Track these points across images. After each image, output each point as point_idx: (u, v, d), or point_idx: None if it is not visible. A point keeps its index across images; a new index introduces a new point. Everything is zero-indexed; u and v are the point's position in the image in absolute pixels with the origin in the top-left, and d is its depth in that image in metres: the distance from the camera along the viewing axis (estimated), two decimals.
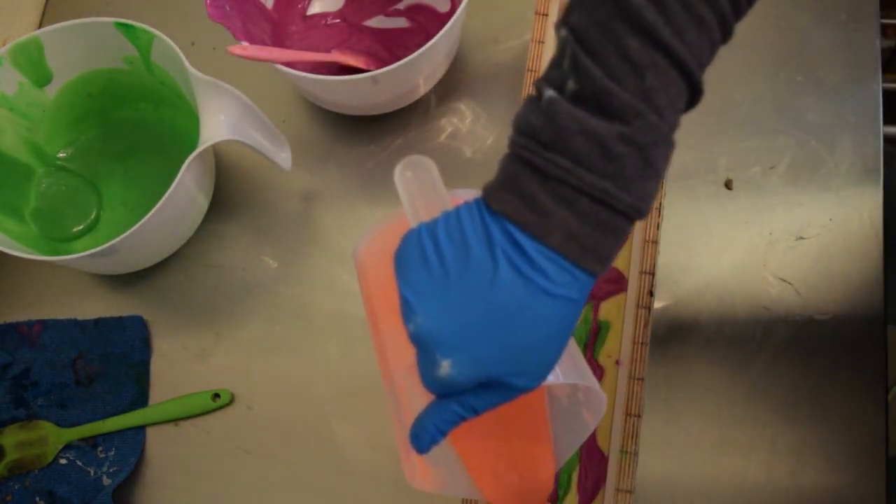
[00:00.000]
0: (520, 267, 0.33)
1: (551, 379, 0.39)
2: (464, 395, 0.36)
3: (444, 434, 0.37)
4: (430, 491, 0.47)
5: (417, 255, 0.35)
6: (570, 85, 0.33)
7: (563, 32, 0.34)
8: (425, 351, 0.35)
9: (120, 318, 0.66)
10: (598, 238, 0.34)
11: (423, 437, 0.37)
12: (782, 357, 0.60)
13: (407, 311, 0.35)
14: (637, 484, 0.56)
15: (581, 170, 0.33)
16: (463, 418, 0.37)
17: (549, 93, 0.33)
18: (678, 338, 0.62)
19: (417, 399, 0.39)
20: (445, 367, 0.34)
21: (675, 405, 0.60)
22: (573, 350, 0.44)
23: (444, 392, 0.36)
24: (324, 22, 0.72)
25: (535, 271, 0.33)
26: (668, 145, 0.34)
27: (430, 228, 0.36)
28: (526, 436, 0.50)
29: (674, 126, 0.34)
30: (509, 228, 0.34)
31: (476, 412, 0.36)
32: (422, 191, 0.39)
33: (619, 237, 0.35)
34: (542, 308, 0.34)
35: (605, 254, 0.34)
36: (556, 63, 0.34)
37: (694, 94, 0.35)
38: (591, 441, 0.57)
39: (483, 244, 0.34)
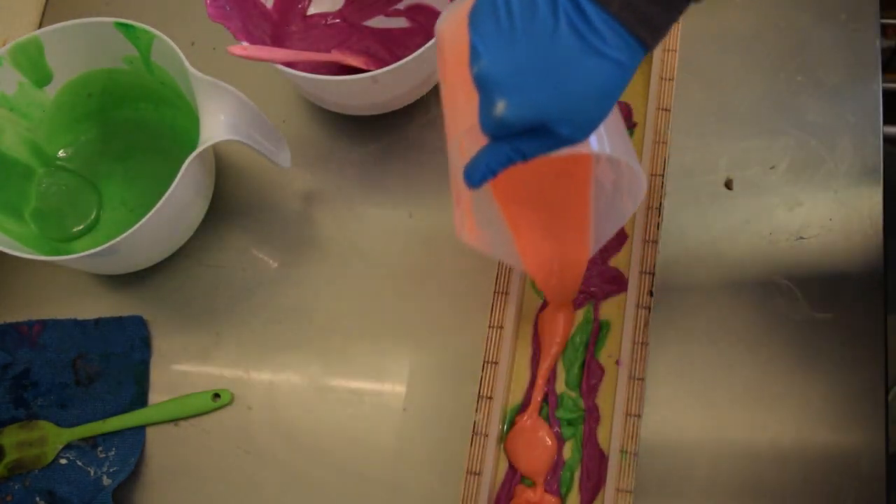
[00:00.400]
0: (578, 26, 0.37)
1: (596, 146, 0.43)
2: (515, 138, 0.40)
3: (494, 173, 0.41)
4: (474, 247, 0.52)
5: (489, 8, 0.39)
6: None
7: None
8: (485, 91, 0.39)
9: (120, 318, 0.66)
10: (653, 10, 0.37)
11: (475, 173, 0.42)
12: (782, 357, 0.60)
13: (474, 55, 0.39)
14: (637, 479, 0.56)
15: None
16: (511, 160, 0.41)
17: None
18: (678, 336, 0.62)
19: (474, 152, 0.43)
20: (501, 107, 0.38)
21: (675, 404, 0.60)
22: (624, 132, 0.47)
23: (498, 133, 0.40)
24: (324, 22, 0.72)
25: (592, 32, 0.37)
26: None
27: None
28: (568, 214, 0.55)
29: None
30: None
31: (524, 157, 0.41)
32: None
33: (674, 12, 0.38)
34: (594, 65, 0.38)
35: (657, 25, 0.38)
36: None
37: None
38: (593, 441, 0.57)
39: (549, 4, 0.38)
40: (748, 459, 0.58)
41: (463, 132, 0.47)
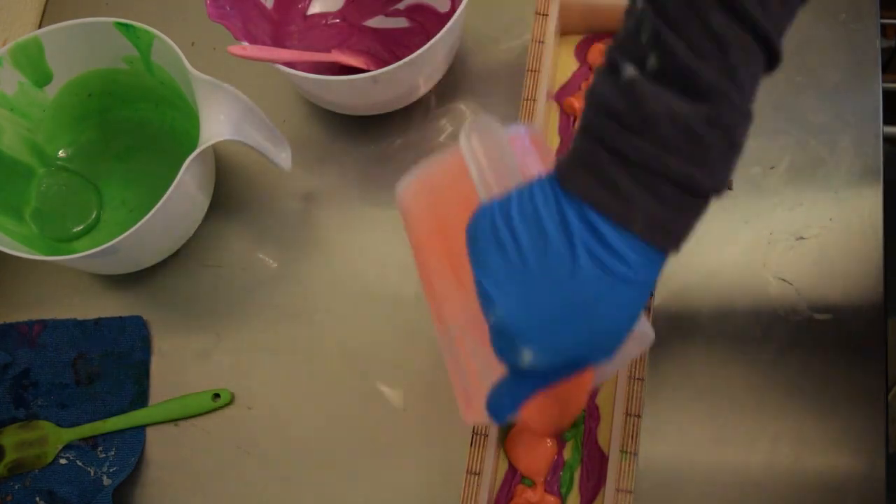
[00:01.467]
0: (600, 257, 0.33)
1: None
2: (539, 372, 0.36)
3: (518, 407, 0.38)
4: (482, 423, 0.50)
5: (492, 238, 0.35)
6: (652, 62, 0.32)
7: (641, 4, 0.33)
8: (506, 339, 0.35)
9: (120, 318, 0.66)
10: (679, 222, 0.34)
11: (501, 412, 0.39)
12: (782, 357, 0.60)
13: (485, 301, 0.35)
14: (637, 482, 0.56)
15: (666, 156, 0.32)
16: (538, 389, 0.38)
17: (630, 70, 0.33)
18: (678, 337, 0.62)
19: (477, 351, 0.39)
20: (527, 356, 0.35)
21: (676, 404, 0.60)
22: None
23: (519, 372, 0.37)
24: (324, 22, 0.72)
25: (616, 260, 0.33)
26: (748, 121, 0.34)
27: (502, 209, 0.35)
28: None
29: (753, 100, 0.34)
30: (587, 213, 0.33)
31: (549, 385, 0.37)
32: (489, 158, 0.38)
33: (698, 217, 0.35)
34: (622, 296, 0.34)
35: (683, 235, 0.34)
36: (631, 35, 0.33)
37: (772, 63, 0.35)
38: (593, 441, 0.57)
39: (560, 230, 0.33)
40: (748, 459, 0.58)
41: (459, 328, 0.43)
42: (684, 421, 0.60)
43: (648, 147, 0.32)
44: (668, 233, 0.33)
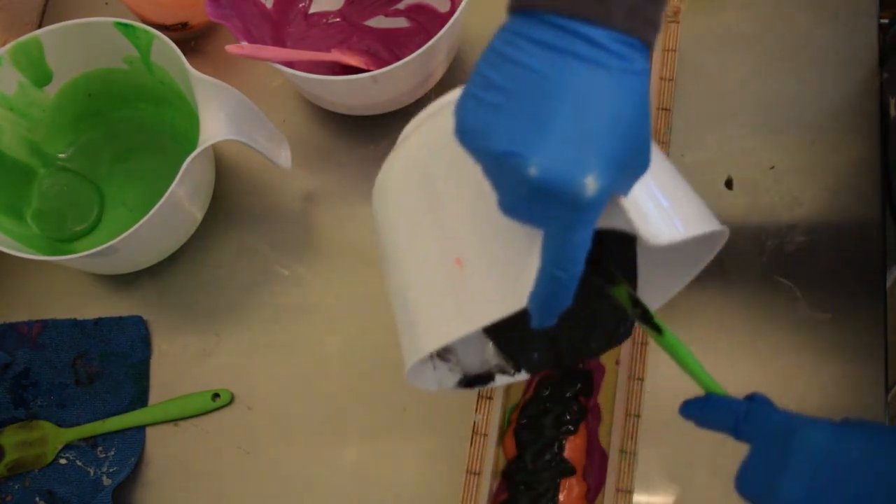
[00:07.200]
0: (597, 58, 0.32)
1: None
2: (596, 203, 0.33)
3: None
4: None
5: (484, 109, 0.33)
6: None
7: None
8: (559, 184, 0.32)
9: (120, 318, 0.66)
10: (651, 7, 0.33)
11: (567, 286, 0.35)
12: (782, 357, 0.60)
13: (517, 166, 0.32)
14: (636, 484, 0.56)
15: None
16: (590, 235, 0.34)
17: None
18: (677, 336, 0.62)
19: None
20: (591, 184, 0.32)
21: (675, 403, 0.60)
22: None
23: (584, 218, 0.33)
24: (324, 21, 0.72)
25: (613, 56, 0.32)
26: None
27: (482, 77, 0.33)
28: None
29: None
30: (566, 24, 0.32)
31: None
32: None
33: (666, 2, 0.35)
34: (630, 88, 0.33)
35: (658, 21, 0.34)
36: None
37: None
38: (594, 440, 0.57)
39: (547, 58, 0.32)
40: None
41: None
42: (684, 421, 0.60)
43: None
44: (647, 21, 0.33)
